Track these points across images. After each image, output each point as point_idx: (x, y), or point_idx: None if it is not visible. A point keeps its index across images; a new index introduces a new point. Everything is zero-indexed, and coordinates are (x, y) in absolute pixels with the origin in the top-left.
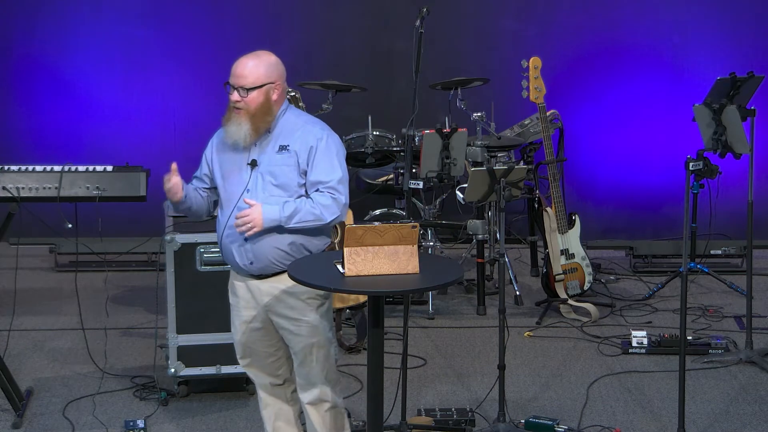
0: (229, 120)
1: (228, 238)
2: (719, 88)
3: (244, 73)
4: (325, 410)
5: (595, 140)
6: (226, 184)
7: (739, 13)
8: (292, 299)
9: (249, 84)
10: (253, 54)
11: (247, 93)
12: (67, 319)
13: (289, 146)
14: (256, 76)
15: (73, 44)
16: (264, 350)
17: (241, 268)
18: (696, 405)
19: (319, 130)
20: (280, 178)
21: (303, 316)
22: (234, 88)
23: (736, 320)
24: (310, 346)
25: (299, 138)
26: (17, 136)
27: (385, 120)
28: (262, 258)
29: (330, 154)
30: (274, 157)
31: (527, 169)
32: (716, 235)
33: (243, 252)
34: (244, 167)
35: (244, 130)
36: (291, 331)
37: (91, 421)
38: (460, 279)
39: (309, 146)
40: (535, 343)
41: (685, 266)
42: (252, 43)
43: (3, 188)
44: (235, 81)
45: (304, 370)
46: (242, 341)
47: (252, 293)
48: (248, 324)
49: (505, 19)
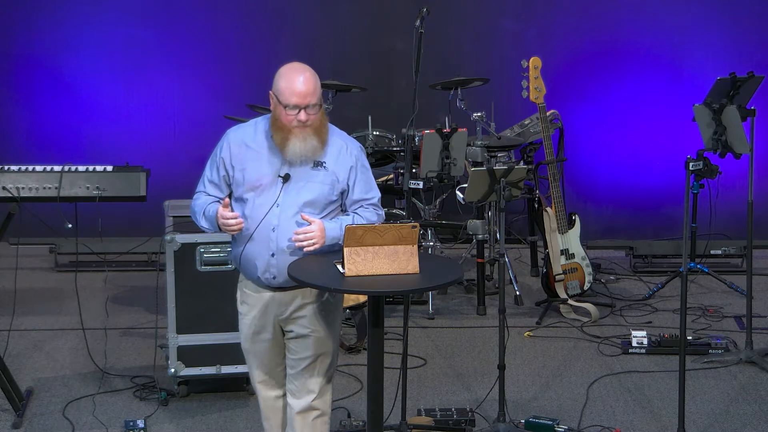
0: (288, 138)
1: (251, 253)
2: (719, 88)
3: (309, 92)
4: (313, 418)
5: (595, 140)
6: (254, 195)
7: (739, 13)
8: (307, 309)
9: (317, 101)
10: (299, 68)
11: (317, 110)
12: (67, 319)
13: (325, 163)
14: (319, 89)
15: (73, 44)
16: (272, 360)
17: (261, 282)
18: (696, 405)
19: (353, 146)
20: (313, 194)
21: (316, 326)
22: (299, 108)
23: (736, 320)
24: (316, 355)
25: (336, 156)
26: (17, 136)
27: (385, 120)
28: (286, 273)
29: (368, 171)
30: (309, 172)
31: (527, 169)
32: (716, 235)
33: (267, 267)
34: (275, 180)
35: (313, 145)
36: (301, 341)
37: (91, 421)
38: (460, 279)
39: (349, 166)
40: (535, 343)
41: (685, 266)
42: (252, 43)
43: (3, 188)
44: (301, 101)
45: (304, 378)
46: (251, 350)
47: (266, 304)
48: (259, 335)
49: (505, 19)
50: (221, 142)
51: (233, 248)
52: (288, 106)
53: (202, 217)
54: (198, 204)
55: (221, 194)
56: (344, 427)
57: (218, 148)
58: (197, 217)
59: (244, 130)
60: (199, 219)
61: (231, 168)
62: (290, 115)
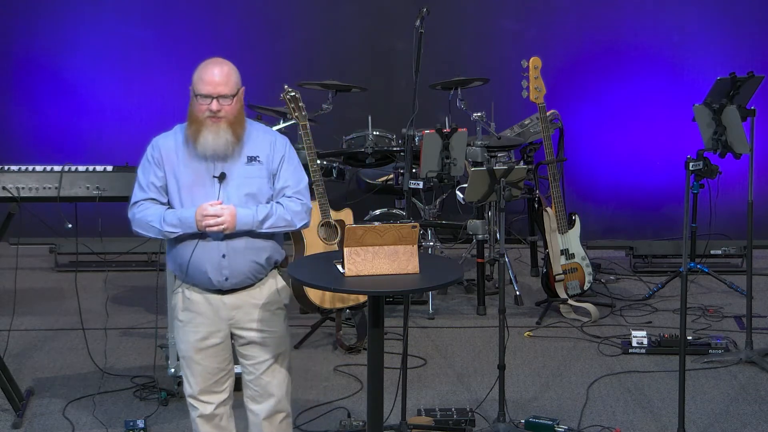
0: (200, 131)
1: (200, 257)
2: (719, 88)
3: (222, 81)
4: (279, 421)
5: (595, 140)
6: (192, 199)
7: (739, 13)
8: (261, 311)
9: (229, 92)
10: (216, 61)
11: (230, 101)
12: (67, 319)
13: (258, 157)
14: (234, 82)
15: (73, 44)
16: (215, 366)
17: (211, 285)
18: (696, 405)
19: (282, 139)
20: (252, 190)
21: (271, 327)
22: (212, 98)
23: (736, 320)
24: (275, 356)
25: (267, 148)
26: (17, 136)
27: (385, 120)
28: (238, 273)
29: (296, 161)
30: (244, 168)
31: (527, 169)
32: (716, 235)
33: (218, 269)
34: (209, 181)
35: (225, 139)
36: (258, 343)
37: (91, 421)
38: (460, 279)
39: (281, 155)
40: (535, 343)
41: (685, 266)
42: (252, 43)
43: (3, 188)
44: (212, 90)
45: (264, 381)
46: (195, 358)
47: (214, 308)
48: (204, 340)
49: (505, 19)
50: (149, 149)
51: (174, 255)
52: (200, 95)
53: (162, 224)
54: (150, 213)
55: (164, 199)
56: (344, 427)
57: (148, 154)
58: (153, 224)
59: (169, 136)
60: (157, 226)
61: (164, 172)
62: (202, 104)
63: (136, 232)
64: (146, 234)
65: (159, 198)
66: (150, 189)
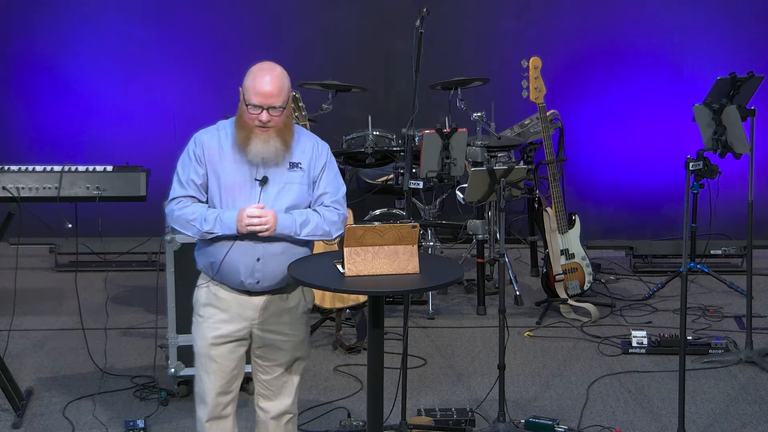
0: (250, 138)
1: (234, 258)
2: (719, 88)
3: (274, 93)
4: (286, 422)
5: (595, 140)
6: (233, 201)
7: (739, 13)
8: (289, 315)
9: (281, 103)
10: (268, 68)
11: (280, 112)
12: (67, 319)
13: (300, 164)
14: (285, 93)
15: (73, 44)
16: (229, 363)
17: (242, 286)
18: (696, 405)
19: (323, 145)
20: (293, 196)
21: (294, 331)
22: (262, 108)
23: (736, 320)
24: (293, 359)
25: (310, 155)
26: (17, 136)
27: (385, 120)
28: (271, 278)
29: (335, 167)
30: (286, 174)
31: (527, 169)
32: (716, 235)
33: (251, 272)
34: (251, 183)
35: (275, 147)
36: (278, 346)
37: (91, 421)
38: (460, 279)
39: (323, 163)
40: (535, 343)
41: (685, 266)
42: (252, 43)
43: (3, 188)
44: (264, 101)
45: (280, 382)
46: (211, 354)
47: (241, 307)
48: (224, 337)
49: (505, 19)
50: (191, 144)
51: (206, 253)
52: (251, 105)
53: (203, 224)
54: (189, 212)
55: (203, 197)
56: (344, 427)
57: (189, 149)
58: (194, 224)
59: (212, 133)
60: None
61: (205, 169)
62: (252, 114)
63: (172, 227)
64: (183, 231)
65: (198, 196)
66: (189, 186)
